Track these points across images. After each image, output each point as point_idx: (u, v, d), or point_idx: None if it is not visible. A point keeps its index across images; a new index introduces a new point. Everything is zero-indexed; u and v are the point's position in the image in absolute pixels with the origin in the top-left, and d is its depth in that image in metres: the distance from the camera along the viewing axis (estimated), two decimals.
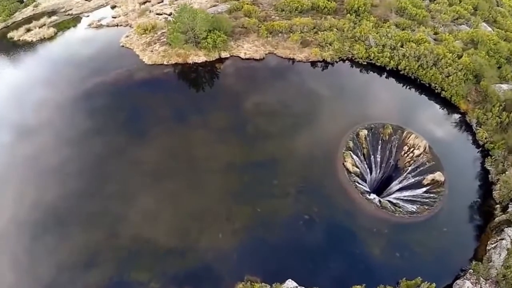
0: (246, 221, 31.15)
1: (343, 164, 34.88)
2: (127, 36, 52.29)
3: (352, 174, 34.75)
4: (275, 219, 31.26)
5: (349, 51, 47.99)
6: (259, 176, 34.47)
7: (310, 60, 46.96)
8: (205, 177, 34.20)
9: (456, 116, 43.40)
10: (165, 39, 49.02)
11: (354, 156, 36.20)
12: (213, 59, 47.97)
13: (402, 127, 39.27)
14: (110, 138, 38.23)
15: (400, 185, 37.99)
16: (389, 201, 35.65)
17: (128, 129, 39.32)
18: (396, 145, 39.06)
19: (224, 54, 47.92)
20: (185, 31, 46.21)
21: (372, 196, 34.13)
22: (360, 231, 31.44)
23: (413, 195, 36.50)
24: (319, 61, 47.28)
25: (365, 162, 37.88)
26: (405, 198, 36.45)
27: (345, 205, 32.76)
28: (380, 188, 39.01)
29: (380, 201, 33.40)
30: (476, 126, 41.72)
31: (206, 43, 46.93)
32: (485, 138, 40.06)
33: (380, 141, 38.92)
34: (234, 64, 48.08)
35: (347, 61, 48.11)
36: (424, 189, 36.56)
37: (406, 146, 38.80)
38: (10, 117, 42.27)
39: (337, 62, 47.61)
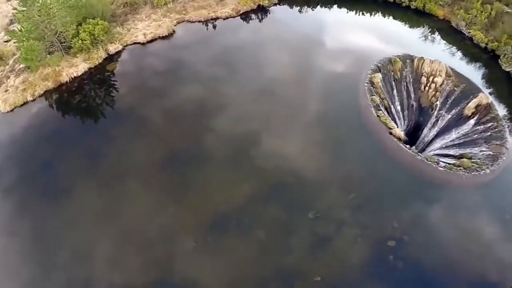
0: None
1: (391, 133, 22.78)
2: None
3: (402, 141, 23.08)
4: (353, 273, 18.25)
5: None
6: (279, 217, 20.35)
7: (241, 12, 32.70)
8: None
9: (440, 25, 34.86)
10: (22, 67, 29.35)
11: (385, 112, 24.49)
12: (100, 62, 30.66)
13: (411, 54, 28.45)
14: None
15: (437, 129, 27.82)
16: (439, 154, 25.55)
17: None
18: (412, 80, 28.40)
19: (113, 48, 31.12)
20: (41, 35, 27.63)
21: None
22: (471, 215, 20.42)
23: (464, 134, 26.70)
24: (253, 10, 33.36)
25: (390, 118, 26.55)
26: (457, 142, 26.51)
27: (429, 193, 21.16)
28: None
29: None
30: (466, 29, 33.51)
31: (80, 43, 29.16)
32: (485, 38, 32.30)
33: (393, 82, 27.77)
34: (134, 56, 31.58)
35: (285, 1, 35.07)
36: (472, 121, 26.96)
37: (423, 77, 28.39)
38: None
39: (275, 4, 34.18)
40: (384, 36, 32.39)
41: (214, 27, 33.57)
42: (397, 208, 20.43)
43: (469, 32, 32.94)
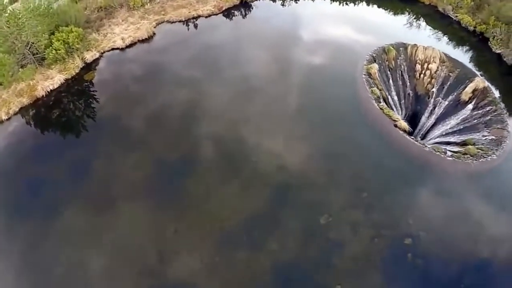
0: None
1: (396, 125, 21.98)
2: None
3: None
4: (373, 277, 17.41)
5: None
6: (290, 226, 18.99)
7: (223, 9, 31.27)
8: None
9: (427, 11, 34.42)
10: None
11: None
12: (77, 71, 28.54)
13: (404, 42, 27.73)
14: None
15: (435, 117, 27.26)
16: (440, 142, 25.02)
17: None
18: (406, 68, 27.70)
19: (90, 56, 29.08)
20: (11, 47, 25.44)
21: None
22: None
23: (464, 120, 26.20)
24: (236, 6, 31.97)
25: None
26: (457, 129, 26.00)
27: (440, 185, 20.48)
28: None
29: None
30: (453, 13, 33.15)
31: (53, 53, 27.02)
32: (473, 22, 32.00)
33: (388, 72, 26.98)
34: (114, 62, 29.65)
35: None
36: (469, 106, 26.45)
37: (417, 65, 27.72)
38: None
39: None
40: (372, 25, 31.74)
41: (196, 26, 31.98)
42: (409, 203, 19.64)
43: (457, 16, 32.62)
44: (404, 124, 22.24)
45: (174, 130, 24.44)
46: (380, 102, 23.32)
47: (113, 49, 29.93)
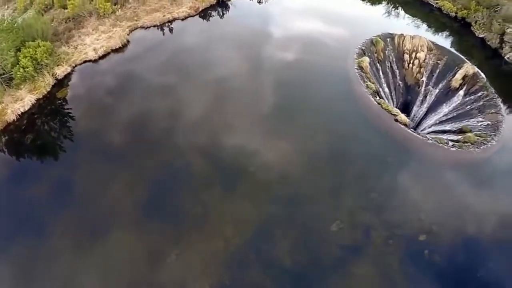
0: None
1: (396, 120, 21.35)
2: None
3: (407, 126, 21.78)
4: (393, 279, 16.78)
5: None
6: (300, 238, 17.91)
7: (200, 9, 29.92)
8: None
9: None
10: None
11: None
12: (48, 90, 26.25)
13: (390, 32, 27.16)
14: None
15: (427, 105, 26.93)
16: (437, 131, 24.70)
17: None
18: (394, 59, 27.15)
19: (61, 71, 26.89)
20: None
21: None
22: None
23: (456, 107, 25.96)
24: (213, 6, 30.62)
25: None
26: (451, 116, 25.73)
27: (447, 176, 20.05)
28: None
29: None
30: (434, 0, 32.95)
31: (21, 71, 24.72)
32: (454, 7, 31.91)
33: (377, 64, 26.37)
34: (87, 76, 27.40)
35: None
36: (461, 92, 26.22)
37: (406, 55, 27.22)
38: None
39: None
40: (353, 17, 31.42)
41: (172, 30, 30.30)
42: (419, 198, 19.02)
43: (437, 3, 32.44)
44: (404, 118, 21.65)
45: (158, 144, 22.78)
46: (376, 97, 22.60)
47: (85, 61, 27.76)
